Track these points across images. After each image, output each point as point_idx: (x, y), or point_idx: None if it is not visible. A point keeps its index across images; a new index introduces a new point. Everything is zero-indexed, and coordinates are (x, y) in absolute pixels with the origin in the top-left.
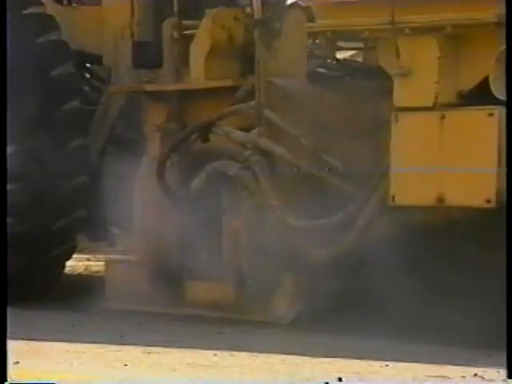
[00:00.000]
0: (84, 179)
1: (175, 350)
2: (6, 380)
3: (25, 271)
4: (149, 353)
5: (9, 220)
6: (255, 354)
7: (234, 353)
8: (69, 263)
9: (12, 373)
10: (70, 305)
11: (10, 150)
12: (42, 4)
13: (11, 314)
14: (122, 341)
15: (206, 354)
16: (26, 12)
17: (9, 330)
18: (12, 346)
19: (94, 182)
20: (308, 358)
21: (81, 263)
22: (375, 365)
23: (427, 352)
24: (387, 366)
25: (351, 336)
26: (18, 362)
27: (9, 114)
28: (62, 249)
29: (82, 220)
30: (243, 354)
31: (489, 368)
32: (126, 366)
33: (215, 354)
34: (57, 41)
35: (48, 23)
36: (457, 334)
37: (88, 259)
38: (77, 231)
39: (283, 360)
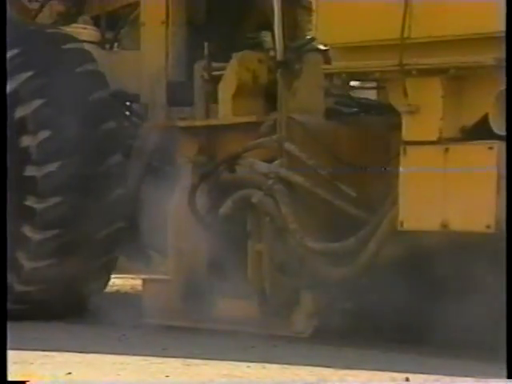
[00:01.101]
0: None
1: (212, 362)
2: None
3: (75, 279)
4: (188, 365)
5: (57, 231)
6: (285, 366)
7: (267, 365)
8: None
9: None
10: (112, 319)
11: (53, 166)
12: (79, 41)
13: (65, 328)
14: (164, 353)
15: (240, 365)
16: (64, 47)
17: (64, 343)
18: (65, 357)
19: (133, 208)
20: (333, 369)
21: (120, 281)
22: (398, 377)
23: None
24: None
25: (367, 349)
26: (70, 373)
27: (54, 134)
28: (106, 258)
29: (122, 233)
30: (275, 366)
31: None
32: (167, 378)
33: (248, 366)
34: (94, 71)
35: (85, 56)
36: (461, 347)
37: (131, 278)
38: (118, 242)
39: (311, 371)
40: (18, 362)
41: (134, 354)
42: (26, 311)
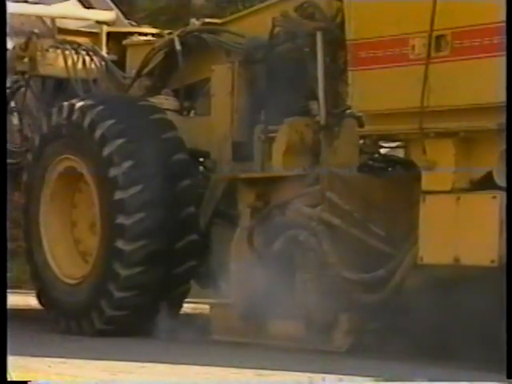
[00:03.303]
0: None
1: (278, 373)
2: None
3: (162, 285)
4: (259, 375)
5: (143, 241)
6: (341, 376)
7: (326, 375)
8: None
9: None
10: (187, 336)
11: (140, 216)
12: (175, 128)
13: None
14: (239, 365)
15: (302, 375)
16: (164, 136)
17: (155, 357)
18: (160, 369)
19: (204, 249)
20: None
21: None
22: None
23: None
24: None
25: (396, 361)
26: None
27: (142, 189)
28: (184, 266)
29: (195, 244)
30: (332, 377)
31: None
32: None
33: (309, 377)
34: (175, 137)
35: (169, 125)
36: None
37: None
38: (192, 255)
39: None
40: (123, 371)
41: (215, 365)
42: (124, 317)
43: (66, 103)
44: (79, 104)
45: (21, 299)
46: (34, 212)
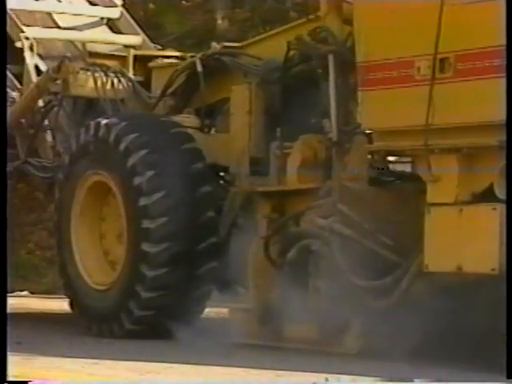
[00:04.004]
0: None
1: (298, 373)
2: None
3: (186, 285)
4: (278, 376)
5: (166, 244)
6: (355, 376)
7: (342, 376)
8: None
9: None
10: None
11: (164, 219)
12: (194, 140)
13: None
14: (259, 366)
15: (320, 376)
16: (183, 147)
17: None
18: (186, 369)
19: (223, 256)
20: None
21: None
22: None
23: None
24: None
25: (401, 362)
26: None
27: (165, 195)
28: (206, 267)
29: (215, 246)
30: (347, 377)
31: None
32: None
33: (327, 379)
34: (194, 148)
35: (187, 137)
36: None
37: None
38: (213, 256)
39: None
40: (151, 372)
41: (237, 367)
42: (152, 317)
43: (92, 122)
44: (105, 121)
45: (56, 304)
46: (65, 227)
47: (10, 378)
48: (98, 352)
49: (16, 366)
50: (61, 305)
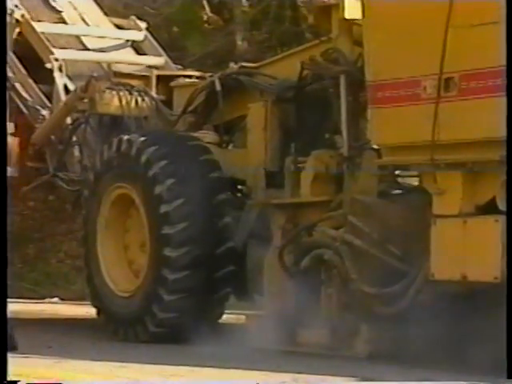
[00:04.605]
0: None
1: (313, 377)
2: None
3: (203, 287)
4: (295, 380)
5: (187, 248)
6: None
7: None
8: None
9: None
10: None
11: (183, 225)
12: (211, 152)
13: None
14: (279, 369)
15: (336, 378)
16: (201, 158)
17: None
18: (208, 372)
19: (241, 263)
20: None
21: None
22: None
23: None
24: None
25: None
26: None
27: (184, 202)
28: (224, 271)
29: (233, 251)
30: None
31: None
32: None
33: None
34: (210, 159)
35: (204, 149)
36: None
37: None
38: (231, 260)
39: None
40: (175, 375)
41: (257, 370)
42: (174, 319)
43: (115, 138)
44: (126, 137)
45: (84, 310)
46: (92, 240)
47: (39, 379)
48: (125, 356)
49: (47, 368)
50: (88, 310)
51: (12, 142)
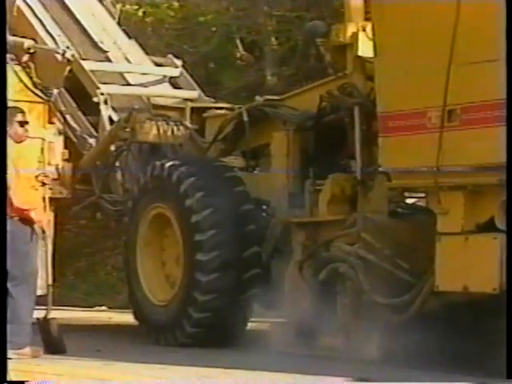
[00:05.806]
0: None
1: (331, 378)
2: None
3: (232, 288)
4: (316, 381)
5: (216, 252)
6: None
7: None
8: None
9: None
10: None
11: (211, 233)
12: (244, 183)
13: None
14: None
15: (336, 378)
16: (226, 175)
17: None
18: (239, 374)
19: (266, 273)
20: None
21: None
22: None
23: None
24: None
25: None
26: None
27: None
28: (250, 273)
29: (257, 255)
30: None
31: None
32: None
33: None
34: (243, 191)
35: (239, 181)
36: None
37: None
38: (256, 264)
39: None
40: (208, 376)
41: (282, 372)
42: (208, 318)
43: (150, 165)
44: (168, 164)
45: (129, 317)
46: (132, 258)
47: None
48: (165, 359)
49: (96, 370)
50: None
51: (66, 167)
